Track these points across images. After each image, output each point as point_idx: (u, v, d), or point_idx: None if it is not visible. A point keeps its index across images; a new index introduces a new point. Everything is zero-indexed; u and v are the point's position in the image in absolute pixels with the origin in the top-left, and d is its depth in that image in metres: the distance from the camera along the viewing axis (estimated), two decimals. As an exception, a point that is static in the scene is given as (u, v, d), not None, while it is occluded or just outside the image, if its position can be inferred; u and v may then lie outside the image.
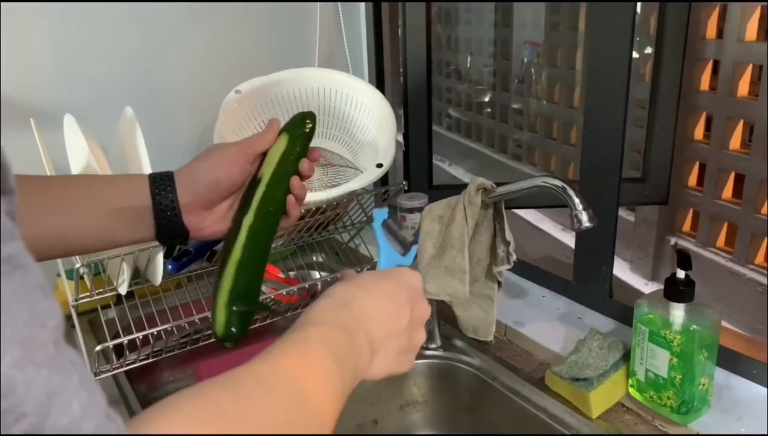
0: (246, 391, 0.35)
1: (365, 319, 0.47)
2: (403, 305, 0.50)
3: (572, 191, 0.70)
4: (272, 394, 0.36)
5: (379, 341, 0.47)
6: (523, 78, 2.74)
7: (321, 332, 0.44)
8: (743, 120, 1.92)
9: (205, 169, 0.58)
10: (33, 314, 0.22)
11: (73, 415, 0.23)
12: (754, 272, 1.93)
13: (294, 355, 0.41)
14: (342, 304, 0.47)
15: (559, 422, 0.78)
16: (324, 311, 0.46)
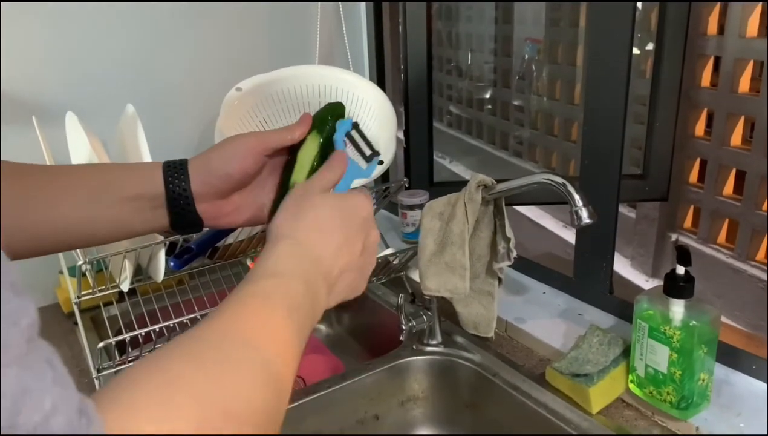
0: (205, 358, 0.35)
1: (321, 260, 0.48)
2: (355, 237, 0.51)
3: (572, 188, 0.71)
4: (232, 360, 0.36)
5: (334, 277, 0.49)
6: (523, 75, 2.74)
7: (279, 285, 0.44)
8: (744, 116, 1.92)
9: (218, 159, 0.57)
10: (5, 313, 0.22)
11: (44, 411, 0.23)
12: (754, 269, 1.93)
13: (253, 314, 0.41)
14: (297, 248, 0.47)
15: (560, 418, 0.78)
16: (281, 259, 0.46)
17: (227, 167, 0.56)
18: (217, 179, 0.56)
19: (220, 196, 0.57)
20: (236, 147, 0.57)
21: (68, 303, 1.07)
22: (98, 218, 0.54)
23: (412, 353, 0.94)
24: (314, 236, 0.49)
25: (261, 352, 0.38)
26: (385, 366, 0.92)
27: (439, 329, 0.94)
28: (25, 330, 0.23)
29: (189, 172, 0.56)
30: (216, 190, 0.57)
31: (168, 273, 0.90)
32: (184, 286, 1.03)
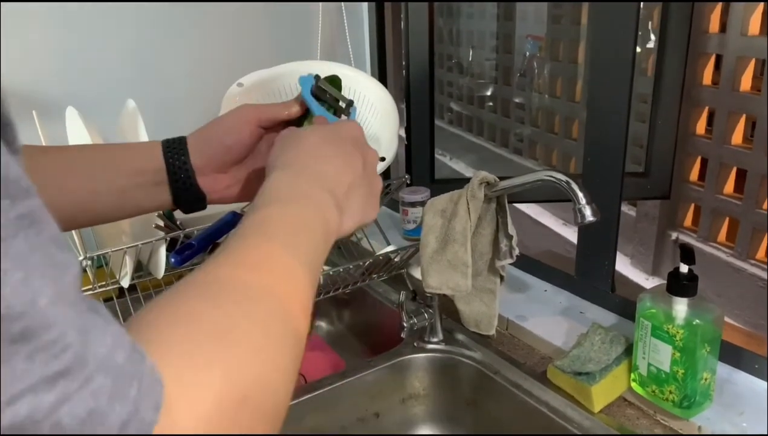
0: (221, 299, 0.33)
1: (322, 178, 0.46)
2: (352, 157, 0.49)
3: (576, 186, 0.70)
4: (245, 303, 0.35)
5: (343, 197, 0.46)
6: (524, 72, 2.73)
7: (278, 212, 0.41)
8: (745, 115, 1.92)
9: (215, 131, 0.58)
10: (53, 263, 0.23)
11: (107, 345, 0.24)
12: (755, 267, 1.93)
13: (256, 249, 0.38)
14: (293, 173, 0.46)
15: (561, 416, 0.78)
16: (277, 187, 0.44)
17: (224, 139, 0.57)
18: (215, 151, 0.57)
19: (220, 169, 0.58)
20: (232, 119, 0.58)
21: (68, 299, 1.07)
22: (104, 194, 0.55)
23: (413, 350, 0.94)
24: (309, 160, 0.47)
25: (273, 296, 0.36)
26: (386, 363, 0.92)
27: (440, 327, 0.94)
28: (73, 280, 0.24)
29: (188, 147, 0.56)
30: (215, 162, 0.57)
31: (168, 269, 0.89)
32: (184, 282, 1.03)
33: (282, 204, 0.42)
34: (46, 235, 0.23)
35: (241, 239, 0.39)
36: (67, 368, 0.22)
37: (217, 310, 0.32)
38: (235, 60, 1.19)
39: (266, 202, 0.42)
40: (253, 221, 0.40)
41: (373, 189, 0.51)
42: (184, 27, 1.14)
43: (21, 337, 0.21)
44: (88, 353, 0.23)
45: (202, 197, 0.58)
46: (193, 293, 0.34)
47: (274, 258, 0.38)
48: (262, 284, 0.36)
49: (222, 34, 1.18)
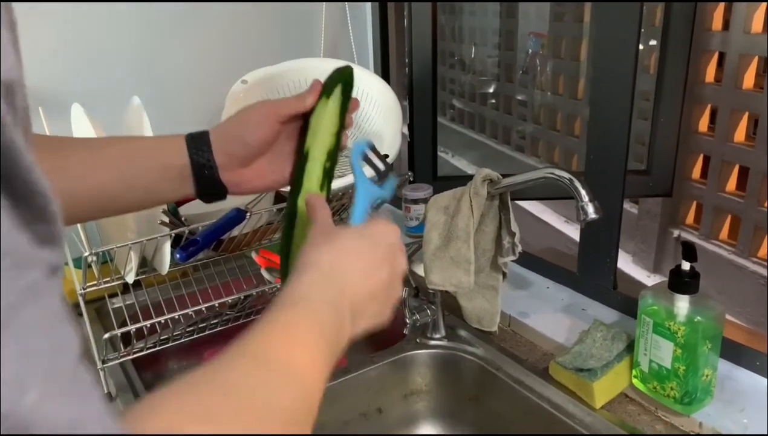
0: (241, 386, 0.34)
1: (348, 288, 0.47)
2: (381, 266, 0.51)
3: (579, 183, 0.71)
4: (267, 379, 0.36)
5: (360, 305, 0.48)
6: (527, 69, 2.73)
7: (309, 310, 0.44)
8: (748, 112, 1.92)
9: (235, 129, 0.60)
10: (53, 343, 0.23)
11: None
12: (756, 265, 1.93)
13: (285, 335, 0.41)
14: (326, 275, 0.47)
15: (563, 412, 0.78)
16: (310, 285, 0.46)
17: (244, 136, 0.59)
18: (236, 148, 0.59)
19: (242, 163, 0.60)
20: (251, 116, 0.60)
21: (73, 294, 1.07)
22: (131, 186, 0.57)
23: (415, 346, 0.95)
24: (340, 263, 0.48)
25: (298, 377, 0.38)
26: (388, 359, 0.93)
27: (442, 323, 0.94)
28: (73, 359, 0.24)
29: (211, 143, 0.58)
30: (237, 158, 0.59)
31: (173, 265, 0.90)
32: (188, 278, 1.03)
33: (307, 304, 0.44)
34: (50, 309, 0.23)
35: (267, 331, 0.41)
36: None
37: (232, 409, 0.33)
38: (240, 57, 1.19)
39: (293, 301, 0.44)
40: (280, 318, 0.42)
41: (390, 299, 0.52)
42: (188, 24, 1.14)
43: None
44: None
45: (224, 191, 0.60)
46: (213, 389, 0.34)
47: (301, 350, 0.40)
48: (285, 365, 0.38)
49: (226, 32, 1.19)
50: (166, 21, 1.12)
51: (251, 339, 0.39)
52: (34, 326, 0.22)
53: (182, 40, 1.15)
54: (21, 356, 0.21)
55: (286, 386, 0.37)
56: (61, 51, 1.04)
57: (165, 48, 1.13)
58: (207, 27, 1.16)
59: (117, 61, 1.09)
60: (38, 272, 0.23)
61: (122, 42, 1.09)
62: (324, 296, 0.46)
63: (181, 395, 0.32)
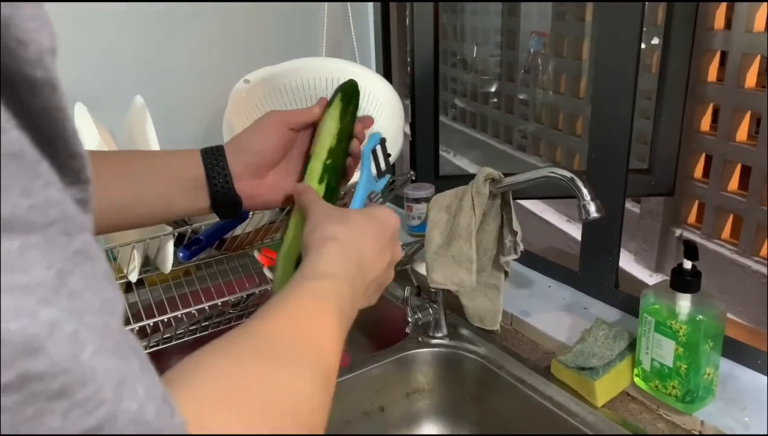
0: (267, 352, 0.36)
1: (365, 267, 0.49)
2: (386, 248, 0.53)
3: (581, 182, 0.71)
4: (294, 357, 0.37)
5: (369, 283, 0.51)
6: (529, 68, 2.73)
7: (333, 288, 0.45)
8: (750, 112, 1.92)
9: (247, 138, 0.61)
10: (104, 302, 0.23)
11: (139, 399, 0.24)
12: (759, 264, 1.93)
13: (311, 313, 0.42)
14: (349, 253, 0.49)
15: (565, 411, 0.79)
16: (335, 261, 0.47)
17: (256, 145, 0.60)
18: (251, 157, 0.60)
19: (257, 175, 0.61)
20: (262, 125, 0.61)
21: (76, 293, 1.08)
22: (146, 198, 0.58)
23: (417, 345, 0.95)
24: (358, 240, 0.50)
25: (321, 350, 0.39)
26: (391, 358, 0.93)
27: (444, 322, 0.95)
28: (119, 319, 0.24)
29: (226, 155, 0.59)
30: (252, 168, 0.60)
31: (175, 264, 0.90)
32: (191, 276, 1.04)
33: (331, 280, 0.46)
34: (100, 269, 0.23)
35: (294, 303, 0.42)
36: (99, 425, 0.22)
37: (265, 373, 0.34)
38: (242, 56, 1.19)
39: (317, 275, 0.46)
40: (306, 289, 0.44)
41: (386, 281, 0.55)
42: (191, 24, 1.15)
43: (59, 394, 0.21)
44: (120, 408, 0.23)
45: (238, 202, 0.61)
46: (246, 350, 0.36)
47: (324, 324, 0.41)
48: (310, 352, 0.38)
49: (229, 31, 1.19)
50: (169, 20, 1.12)
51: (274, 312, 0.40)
52: (86, 287, 0.22)
53: (185, 40, 1.15)
54: (76, 315, 0.22)
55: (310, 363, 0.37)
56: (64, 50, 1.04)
57: (168, 47, 1.14)
58: (209, 27, 1.17)
59: (120, 60, 1.09)
60: (87, 234, 0.23)
61: (125, 41, 1.09)
62: (346, 272, 0.47)
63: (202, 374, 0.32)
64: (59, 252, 0.21)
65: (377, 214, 0.54)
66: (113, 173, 0.57)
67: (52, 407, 0.21)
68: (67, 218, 0.22)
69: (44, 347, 0.20)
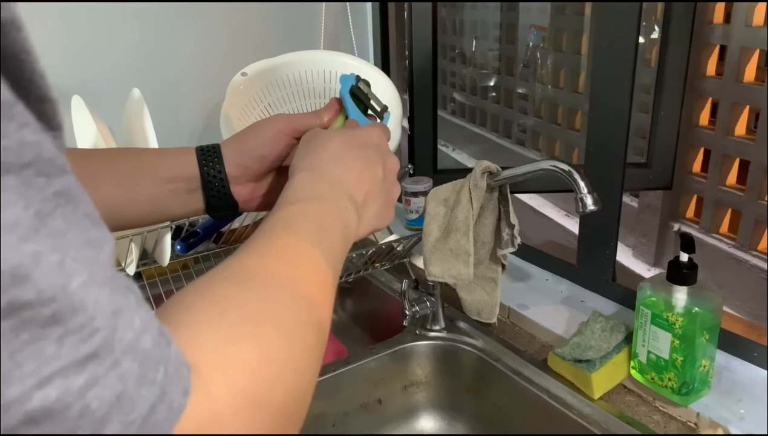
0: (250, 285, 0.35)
1: (342, 184, 0.47)
2: (373, 163, 0.50)
3: (578, 175, 0.71)
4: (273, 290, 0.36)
5: (362, 202, 0.48)
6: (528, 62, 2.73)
7: (301, 209, 0.43)
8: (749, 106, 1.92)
9: (252, 141, 0.58)
10: (89, 240, 0.23)
11: (135, 329, 0.24)
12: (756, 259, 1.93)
13: (281, 246, 0.39)
14: (315, 176, 0.47)
15: (561, 403, 0.79)
16: (300, 188, 0.46)
17: (261, 149, 0.57)
18: (251, 161, 0.57)
19: (255, 178, 0.58)
20: (266, 129, 0.58)
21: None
22: (135, 200, 0.55)
23: (415, 338, 0.95)
24: (331, 165, 0.48)
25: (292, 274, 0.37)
26: (388, 351, 0.93)
27: (442, 315, 0.95)
28: (108, 256, 0.24)
29: (222, 156, 0.57)
30: (250, 172, 0.57)
31: (173, 257, 0.90)
32: (189, 270, 1.04)
33: (304, 203, 0.44)
34: (82, 211, 0.23)
35: (267, 234, 0.40)
36: (95, 352, 0.22)
37: (248, 294, 0.34)
38: (240, 49, 1.19)
39: (290, 202, 0.44)
40: (279, 218, 0.42)
41: (390, 197, 0.52)
42: (189, 17, 1.14)
43: (51, 321, 0.21)
44: (115, 336, 0.23)
45: (234, 205, 0.58)
46: (224, 279, 0.35)
47: (298, 250, 0.40)
48: (288, 273, 0.37)
49: (227, 24, 1.19)
50: (167, 13, 1.12)
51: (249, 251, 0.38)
52: (69, 227, 0.22)
53: (183, 33, 1.15)
54: (61, 248, 0.21)
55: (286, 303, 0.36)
56: (61, 43, 1.05)
57: (165, 40, 1.14)
58: (207, 19, 1.16)
59: (117, 53, 1.09)
60: (69, 176, 0.23)
61: (122, 34, 1.09)
62: (317, 193, 0.45)
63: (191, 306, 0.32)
64: (37, 193, 0.21)
65: (354, 133, 0.52)
66: (102, 174, 0.55)
67: (45, 333, 0.21)
68: (45, 160, 0.22)
69: (30, 276, 0.20)
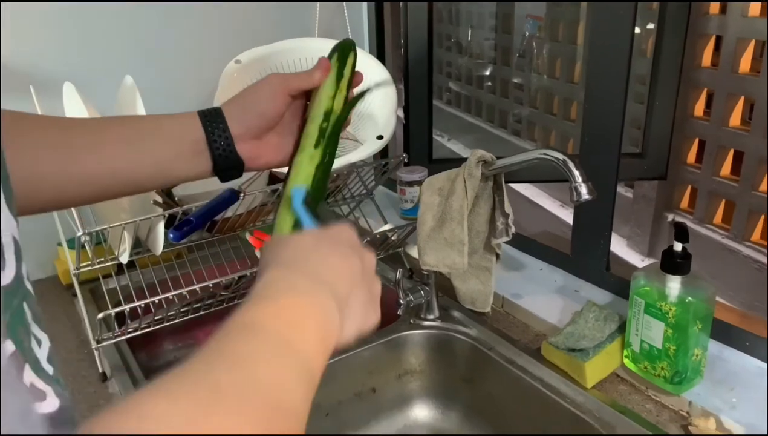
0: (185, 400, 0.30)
1: (321, 277, 0.41)
2: (350, 257, 0.45)
3: (572, 164, 0.71)
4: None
5: (344, 298, 0.42)
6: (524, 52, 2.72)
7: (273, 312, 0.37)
8: (744, 97, 1.92)
9: (251, 99, 0.60)
10: None
11: None
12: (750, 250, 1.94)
13: (233, 353, 0.34)
14: (290, 270, 0.41)
15: (554, 392, 0.79)
16: (271, 282, 0.40)
17: (261, 106, 0.59)
18: (252, 118, 0.59)
19: (256, 136, 0.60)
20: (264, 87, 0.60)
21: (67, 275, 1.07)
22: (142, 164, 0.56)
23: (409, 327, 0.95)
24: (308, 258, 0.43)
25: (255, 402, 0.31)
26: (382, 340, 0.93)
27: (436, 304, 0.95)
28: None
29: (225, 116, 0.58)
30: (252, 129, 0.59)
31: (167, 246, 0.90)
32: (183, 259, 1.03)
33: (273, 301, 0.38)
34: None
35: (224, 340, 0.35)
36: None
37: (176, 410, 0.29)
38: (233, 37, 1.18)
39: (256, 300, 0.38)
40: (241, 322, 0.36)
41: (372, 293, 0.47)
42: (182, 3, 1.13)
43: None
44: None
45: (240, 164, 0.60)
46: (163, 391, 0.30)
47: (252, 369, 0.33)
48: (242, 383, 0.32)
49: (220, 11, 1.17)
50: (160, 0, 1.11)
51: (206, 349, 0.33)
52: None
53: (176, 20, 1.14)
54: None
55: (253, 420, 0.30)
56: (54, 30, 1.03)
57: (158, 27, 1.12)
58: (201, 6, 1.15)
59: (110, 39, 1.08)
60: None
61: (115, 21, 1.08)
62: (296, 286, 0.40)
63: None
64: None
65: (326, 230, 0.48)
66: (107, 137, 0.55)
67: None
68: None
69: None
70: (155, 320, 0.90)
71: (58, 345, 0.92)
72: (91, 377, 0.87)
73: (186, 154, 0.57)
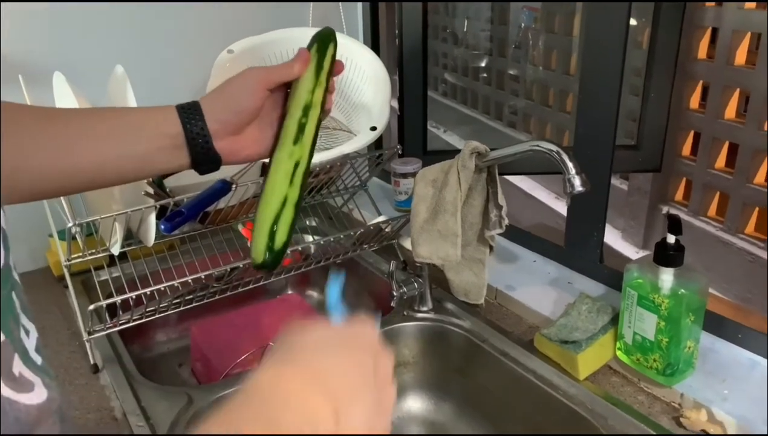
0: None
1: (321, 378, 0.38)
2: (362, 355, 0.42)
3: (566, 156, 0.70)
4: None
5: (346, 401, 0.38)
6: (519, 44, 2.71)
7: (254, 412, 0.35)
8: (739, 89, 1.91)
9: (226, 96, 0.59)
10: None
11: None
12: (743, 242, 1.94)
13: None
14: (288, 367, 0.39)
15: (547, 384, 0.79)
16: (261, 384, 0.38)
17: (235, 103, 0.59)
18: (230, 115, 0.59)
19: (235, 131, 0.59)
20: (241, 83, 0.59)
21: (58, 266, 1.07)
22: (127, 156, 0.56)
23: (402, 319, 0.95)
24: (311, 354, 0.40)
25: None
26: (375, 332, 0.93)
27: (429, 296, 0.95)
28: None
29: (203, 112, 0.58)
30: (230, 126, 0.59)
31: (159, 237, 0.89)
32: (175, 251, 1.03)
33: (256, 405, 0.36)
34: None
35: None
36: None
37: None
38: (226, 26, 1.17)
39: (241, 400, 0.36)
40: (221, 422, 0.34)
41: (384, 401, 0.42)
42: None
43: None
44: None
45: (218, 160, 0.59)
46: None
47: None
48: None
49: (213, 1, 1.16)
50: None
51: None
52: None
53: (168, 9, 1.12)
54: None
55: None
56: (43, 19, 1.02)
57: (150, 16, 1.11)
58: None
59: (100, 29, 1.07)
60: None
61: (106, 10, 1.07)
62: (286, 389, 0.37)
63: None
64: None
65: (344, 327, 0.45)
66: (93, 129, 0.56)
67: None
68: None
69: None
70: (147, 311, 0.89)
71: (50, 337, 0.92)
72: (82, 368, 0.87)
73: (166, 147, 0.57)
